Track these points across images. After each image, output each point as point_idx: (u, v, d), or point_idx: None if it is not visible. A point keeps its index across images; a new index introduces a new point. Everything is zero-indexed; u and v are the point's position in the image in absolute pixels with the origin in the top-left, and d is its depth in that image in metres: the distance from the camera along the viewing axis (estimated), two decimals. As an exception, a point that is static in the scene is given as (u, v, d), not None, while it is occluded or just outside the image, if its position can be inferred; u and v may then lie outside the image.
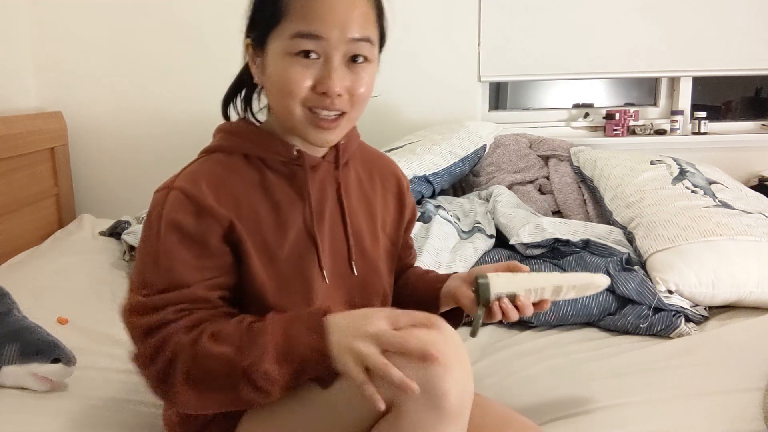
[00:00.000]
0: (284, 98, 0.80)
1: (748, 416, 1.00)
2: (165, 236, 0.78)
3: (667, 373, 1.16)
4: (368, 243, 0.94)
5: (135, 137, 2.46)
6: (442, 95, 2.42)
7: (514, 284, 0.88)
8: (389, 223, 1.01)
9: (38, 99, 2.41)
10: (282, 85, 0.79)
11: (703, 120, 2.39)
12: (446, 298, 0.97)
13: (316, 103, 0.79)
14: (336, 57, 0.78)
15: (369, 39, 0.80)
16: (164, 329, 0.76)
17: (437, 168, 1.97)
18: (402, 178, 1.04)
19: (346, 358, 0.70)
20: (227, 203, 0.82)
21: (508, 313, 0.86)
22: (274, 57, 0.80)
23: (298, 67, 0.78)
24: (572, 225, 1.75)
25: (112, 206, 2.43)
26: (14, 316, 1.24)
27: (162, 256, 0.78)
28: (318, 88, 0.79)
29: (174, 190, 0.81)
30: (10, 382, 1.14)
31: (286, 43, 0.78)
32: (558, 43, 2.38)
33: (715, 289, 1.44)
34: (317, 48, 0.77)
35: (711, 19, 2.34)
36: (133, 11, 2.39)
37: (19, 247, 2.02)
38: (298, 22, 0.77)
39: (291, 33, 0.77)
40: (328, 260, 0.89)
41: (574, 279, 0.92)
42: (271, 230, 0.85)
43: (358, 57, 0.80)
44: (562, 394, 1.11)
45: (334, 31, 0.77)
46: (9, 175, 2.01)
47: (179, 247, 0.78)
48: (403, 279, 1.07)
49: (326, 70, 0.78)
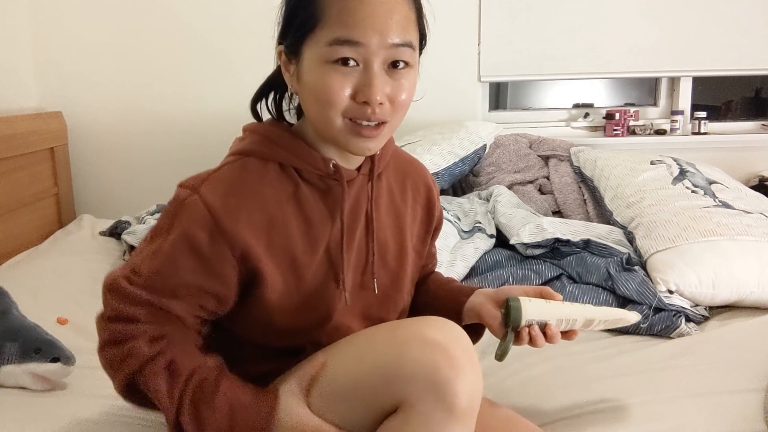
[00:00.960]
0: (323, 108, 0.76)
1: (748, 417, 1.00)
2: (174, 242, 0.76)
3: (667, 373, 1.16)
4: (392, 257, 0.91)
5: (135, 137, 2.46)
6: (442, 95, 2.42)
7: (546, 312, 0.86)
8: (416, 234, 0.98)
9: (38, 99, 2.41)
10: (320, 95, 0.75)
11: (703, 120, 2.39)
12: (470, 313, 0.94)
13: (357, 114, 0.75)
14: (376, 63, 0.74)
15: (410, 44, 0.76)
16: (130, 326, 0.77)
17: (437, 168, 1.97)
18: (432, 187, 1.01)
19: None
20: (254, 222, 0.77)
21: (536, 341, 0.85)
22: (311, 65, 0.76)
23: (337, 75, 0.74)
24: (572, 225, 1.75)
25: (112, 206, 2.43)
26: (13, 315, 1.23)
27: (162, 258, 0.76)
28: (358, 97, 0.75)
29: (198, 195, 0.76)
30: (9, 381, 1.14)
31: (323, 50, 0.74)
32: (558, 43, 2.38)
33: (715, 289, 1.44)
34: (356, 55, 0.73)
35: (711, 19, 2.34)
36: (133, 11, 2.39)
37: (19, 247, 2.02)
38: (336, 28, 0.73)
39: (328, 40, 0.73)
40: (350, 275, 0.86)
41: (607, 314, 0.90)
42: (301, 248, 0.81)
43: (399, 62, 0.76)
44: (563, 395, 1.11)
45: (374, 36, 0.73)
46: (9, 175, 2.00)
47: (183, 260, 0.76)
48: (425, 286, 1.04)
49: (366, 77, 0.74)
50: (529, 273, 1.55)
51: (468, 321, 0.95)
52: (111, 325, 0.79)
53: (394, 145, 0.95)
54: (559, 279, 1.55)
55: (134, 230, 1.94)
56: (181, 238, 0.76)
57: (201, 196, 0.76)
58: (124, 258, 1.90)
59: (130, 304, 0.77)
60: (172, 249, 0.76)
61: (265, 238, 0.78)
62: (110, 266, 1.84)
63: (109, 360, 0.79)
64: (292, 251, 0.80)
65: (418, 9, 0.79)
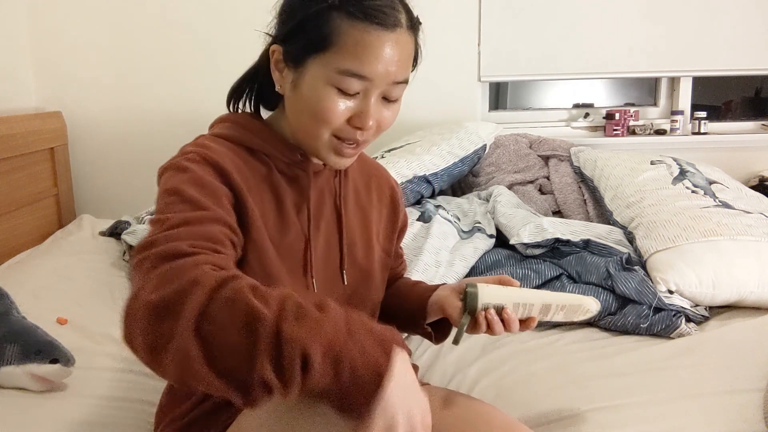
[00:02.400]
0: (315, 123, 0.80)
1: (748, 417, 1.00)
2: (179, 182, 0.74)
3: (666, 373, 1.16)
4: (361, 253, 0.95)
5: (135, 137, 2.46)
6: (442, 95, 2.42)
7: (502, 296, 0.87)
8: (382, 232, 1.02)
9: (38, 99, 2.41)
10: (318, 113, 0.79)
11: (703, 120, 2.39)
12: (434, 307, 0.96)
13: (346, 135, 0.81)
14: (375, 95, 0.79)
15: (407, 81, 0.82)
16: (185, 259, 0.63)
17: (437, 168, 1.97)
18: (396, 188, 1.06)
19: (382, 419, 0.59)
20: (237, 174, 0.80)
21: (494, 326, 0.86)
22: (314, 81, 0.79)
23: (339, 99, 0.78)
24: (572, 225, 1.75)
25: (112, 206, 2.43)
26: (13, 316, 1.23)
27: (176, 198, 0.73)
28: (353, 121, 0.80)
29: (178, 158, 0.79)
30: (9, 382, 1.14)
31: (331, 75, 0.77)
32: (558, 43, 2.38)
33: (715, 289, 1.44)
34: (360, 87, 0.78)
35: (711, 19, 2.34)
36: (132, 11, 2.39)
37: (19, 247, 2.02)
38: (348, 60, 0.76)
39: (339, 68, 0.77)
40: (320, 268, 0.89)
41: (564, 299, 0.90)
42: (273, 225, 0.85)
43: (393, 96, 0.82)
44: (562, 394, 1.11)
45: (382, 74, 0.78)
46: (9, 175, 2.01)
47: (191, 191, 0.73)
48: (393, 288, 1.07)
49: (364, 106, 0.79)
50: (529, 273, 1.55)
51: (434, 316, 0.97)
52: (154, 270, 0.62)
53: None
54: (559, 279, 1.55)
55: (134, 230, 1.94)
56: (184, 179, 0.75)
57: (182, 155, 0.80)
58: (124, 258, 1.90)
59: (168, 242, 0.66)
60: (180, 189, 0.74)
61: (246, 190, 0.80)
62: (110, 266, 1.84)
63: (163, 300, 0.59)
64: (265, 227, 0.83)
65: (416, 42, 0.85)
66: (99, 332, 1.42)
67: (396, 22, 0.78)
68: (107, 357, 1.32)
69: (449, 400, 0.91)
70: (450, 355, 1.30)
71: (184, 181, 0.75)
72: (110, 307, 1.57)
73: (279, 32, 0.83)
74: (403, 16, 0.79)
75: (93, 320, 1.48)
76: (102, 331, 1.43)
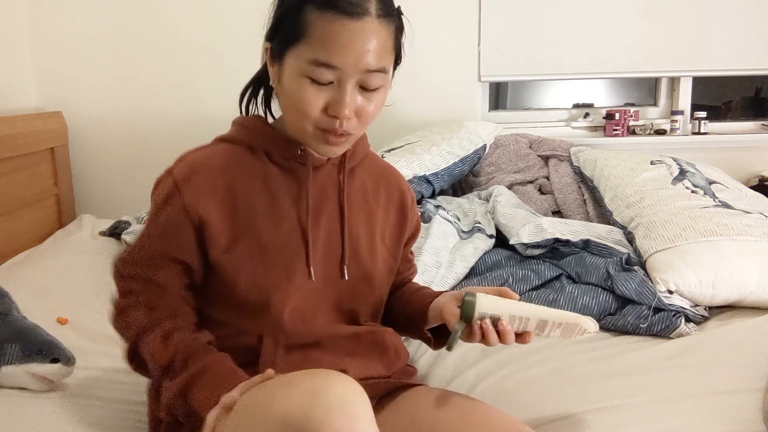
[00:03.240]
0: (297, 115, 0.84)
1: (747, 417, 1.00)
2: (150, 219, 0.89)
3: (666, 373, 1.16)
4: (365, 251, 0.95)
5: (135, 137, 2.46)
6: (442, 95, 2.42)
7: (499, 308, 0.87)
8: (389, 235, 1.01)
9: (38, 99, 2.41)
10: (295, 104, 0.83)
11: (703, 120, 2.39)
12: (434, 313, 0.97)
13: (326, 125, 0.83)
14: (349, 84, 0.80)
15: (383, 69, 0.82)
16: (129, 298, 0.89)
17: (437, 168, 1.97)
18: (406, 193, 1.05)
19: None
20: (217, 194, 0.88)
21: (488, 336, 0.86)
22: (290, 73, 0.82)
23: (312, 89, 0.81)
24: (572, 225, 1.75)
25: (112, 206, 2.43)
26: (14, 316, 1.23)
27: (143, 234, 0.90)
28: (329, 110, 0.82)
29: (171, 176, 0.88)
30: (10, 382, 1.14)
31: (303, 65, 0.80)
32: (558, 43, 2.38)
33: (715, 289, 1.44)
34: (332, 75, 0.80)
35: (711, 19, 2.34)
36: (132, 11, 2.39)
37: (19, 247, 2.02)
38: (317, 49, 0.79)
39: (308, 58, 0.79)
40: (320, 260, 0.91)
41: (562, 317, 0.89)
42: (264, 219, 0.89)
43: (371, 85, 0.82)
44: (562, 395, 1.11)
45: (351, 63, 0.79)
46: (9, 175, 2.01)
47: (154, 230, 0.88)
48: (399, 293, 1.07)
49: (339, 95, 0.81)
50: (529, 273, 1.55)
51: (434, 322, 0.98)
52: (116, 299, 0.91)
53: (367, 144, 1.01)
54: (559, 279, 1.55)
55: (134, 230, 1.94)
56: (154, 213, 0.89)
57: (173, 176, 0.88)
58: (124, 258, 1.90)
59: (126, 278, 0.90)
60: (148, 224, 0.90)
61: (228, 208, 0.88)
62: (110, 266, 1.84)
63: (117, 329, 0.90)
64: (255, 220, 0.88)
65: (397, 35, 0.84)
66: (99, 332, 1.42)
67: (362, 11, 0.78)
68: (107, 357, 1.31)
69: (447, 400, 0.91)
70: (449, 357, 1.29)
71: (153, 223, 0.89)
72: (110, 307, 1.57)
73: (268, 30, 0.87)
74: (372, 5, 0.79)
75: (93, 320, 1.48)
76: (102, 331, 1.42)
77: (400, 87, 2.38)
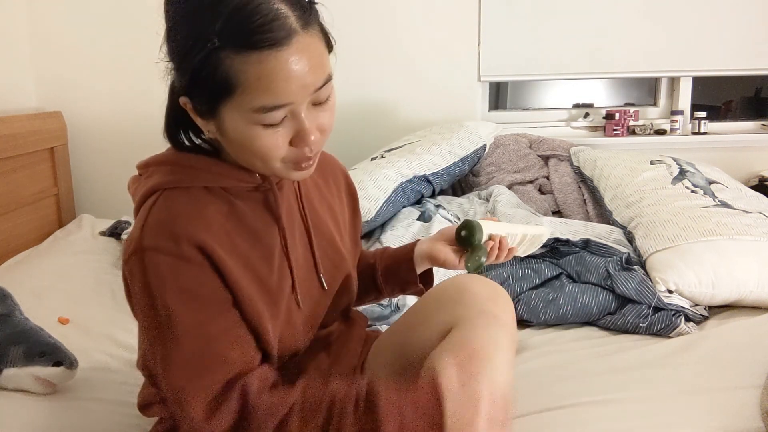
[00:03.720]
0: (260, 160, 0.74)
1: (746, 413, 1.00)
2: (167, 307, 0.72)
3: (666, 370, 1.16)
4: (332, 249, 0.94)
5: (135, 137, 2.45)
6: (442, 95, 2.42)
7: (498, 227, 0.99)
8: (348, 221, 1.02)
9: (38, 99, 2.41)
10: (255, 152, 0.73)
11: (703, 120, 2.39)
12: (420, 261, 1.03)
13: (296, 157, 0.75)
14: (303, 110, 0.72)
15: (329, 77, 0.74)
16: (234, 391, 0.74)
17: (437, 168, 1.97)
18: (346, 171, 1.05)
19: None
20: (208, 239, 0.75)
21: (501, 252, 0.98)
22: (236, 126, 0.72)
23: (268, 133, 0.71)
24: (572, 225, 1.75)
25: (112, 206, 2.43)
26: (16, 318, 1.23)
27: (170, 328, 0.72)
28: (295, 143, 0.74)
29: (146, 252, 0.72)
30: (12, 384, 1.14)
31: (248, 115, 0.70)
32: (558, 43, 2.38)
33: (714, 288, 1.44)
34: (284, 112, 0.71)
35: (711, 19, 2.34)
36: (133, 11, 2.38)
37: (19, 247, 2.02)
38: (259, 96, 0.68)
39: (252, 107, 0.69)
40: (302, 279, 0.87)
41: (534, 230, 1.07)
42: (259, 261, 0.81)
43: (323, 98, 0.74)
44: (560, 388, 1.11)
45: (299, 93, 0.70)
46: (9, 175, 2.01)
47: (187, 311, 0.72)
48: (363, 264, 1.08)
49: (297, 125, 0.72)
50: (529, 272, 1.55)
51: (420, 270, 1.04)
52: (215, 421, 0.73)
53: None
54: (559, 278, 1.55)
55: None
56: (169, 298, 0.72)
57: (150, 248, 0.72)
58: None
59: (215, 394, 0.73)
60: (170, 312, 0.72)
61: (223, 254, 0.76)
62: (110, 266, 1.84)
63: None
64: (252, 266, 0.80)
65: (323, 30, 0.74)
66: (99, 332, 1.42)
67: (288, 32, 0.67)
68: (108, 357, 1.32)
69: None
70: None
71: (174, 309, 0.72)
72: (111, 307, 1.57)
73: (178, 82, 0.75)
74: (291, 18, 0.68)
75: (93, 320, 1.48)
76: (102, 331, 1.43)
77: (400, 87, 2.41)
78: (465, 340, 0.79)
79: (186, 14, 0.70)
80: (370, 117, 2.41)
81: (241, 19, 0.66)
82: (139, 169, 0.87)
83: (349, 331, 1.01)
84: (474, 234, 0.95)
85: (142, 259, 0.72)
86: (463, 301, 0.87)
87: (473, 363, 0.76)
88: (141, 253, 0.72)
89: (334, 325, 0.99)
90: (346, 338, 1.00)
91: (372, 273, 1.06)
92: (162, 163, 0.81)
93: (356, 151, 2.23)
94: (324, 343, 0.96)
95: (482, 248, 0.95)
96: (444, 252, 1.00)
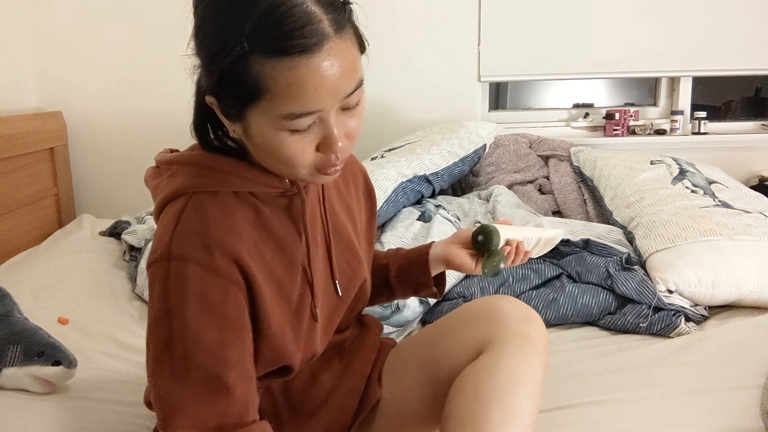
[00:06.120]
0: (286, 166, 0.72)
1: (746, 413, 1.00)
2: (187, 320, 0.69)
3: (666, 370, 1.17)
4: (354, 253, 0.93)
5: (135, 137, 2.46)
6: (442, 95, 2.42)
7: (514, 232, 0.98)
8: (365, 222, 1.01)
9: (38, 99, 2.41)
10: (281, 158, 0.71)
11: (703, 120, 2.39)
12: (435, 264, 1.02)
13: (323, 164, 0.73)
14: (332, 117, 0.70)
15: (360, 82, 0.71)
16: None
17: (437, 168, 1.97)
18: (366, 172, 1.04)
19: None
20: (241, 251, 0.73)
21: (517, 256, 0.97)
22: (263, 130, 0.70)
23: (295, 140, 0.69)
24: (572, 225, 1.75)
25: (112, 206, 2.43)
26: (15, 317, 1.23)
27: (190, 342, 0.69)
28: (320, 149, 0.72)
29: (174, 260, 0.70)
30: (11, 384, 1.14)
31: (276, 121, 0.68)
32: (558, 43, 2.38)
33: (714, 288, 1.44)
34: (313, 118, 0.69)
35: (711, 19, 2.34)
36: (132, 11, 2.39)
37: (19, 247, 2.02)
38: (287, 103, 0.66)
39: (281, 114, 0.67)
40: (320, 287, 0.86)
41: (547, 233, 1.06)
42: (283, 272, 0.79)
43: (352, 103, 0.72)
44: (561, 388, 1.11)
45: (329, 100, 0.68)
46: (9, 175, 2.01)
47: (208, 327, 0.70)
48: (377, 265, 1.07)
49: (326, 131, 0.70)
50: (529, 272, 1.55)
51: (434, 273, 1.03)
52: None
53: None
54: (559, 278, 1.55)
55: (134, 230, 1.94)
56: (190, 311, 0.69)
57: (178, 257, 0.70)
58: (124, 258, 1.90)
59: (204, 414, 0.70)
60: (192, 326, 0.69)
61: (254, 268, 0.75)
62: (110, 266, 1.84)
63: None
64: (277, 277, 0.78)
65: (357, 34, 0.71)
66: (99, 332, 1.42)
67: (321, 37, 0.65)
68: (108, 357, 1.32)
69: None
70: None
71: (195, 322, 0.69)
72: (111, 307, 1.57)
73: (205, 81, 0.72)
74: (325, 23, 0.65)
75: (93, 320, 1.48)
76: (102, 331, 1.43)
77: (400, 87, 2.40)
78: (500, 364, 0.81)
79: (215, 13, 0.68)
80: (369, 117, 2.38)
81: (272, 23, 0.64)
82: (159, 164, 0.83)
83: (362, 337, 1.00)
84: (491, 239, 0.94)
85: (168, 267, 0.70)
86: (495, 319, 0.87)
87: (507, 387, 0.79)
88: (168, 261, 0.70)
89: (349, 331, 0.99)
90: (359, 345, 0.99)
91: (385, 273, 1.05)
92: (188, 163, 0.79)
93: (356, 151, 2.18)
94: (338, 348, 0.96)
95: (500, 253, 0.94)
96: (460, 256, 0.98)
